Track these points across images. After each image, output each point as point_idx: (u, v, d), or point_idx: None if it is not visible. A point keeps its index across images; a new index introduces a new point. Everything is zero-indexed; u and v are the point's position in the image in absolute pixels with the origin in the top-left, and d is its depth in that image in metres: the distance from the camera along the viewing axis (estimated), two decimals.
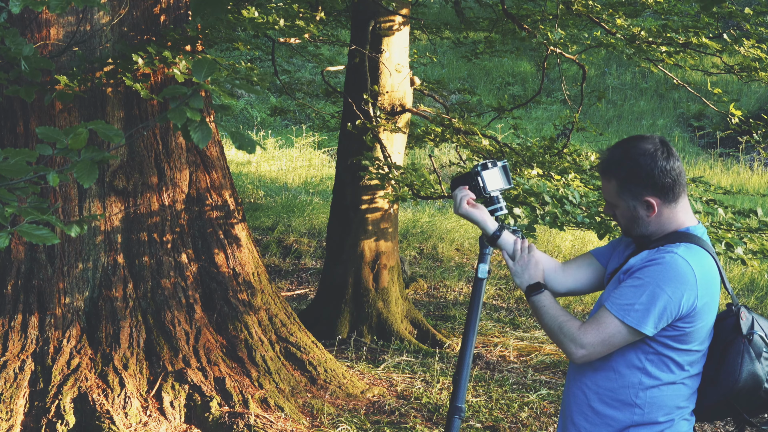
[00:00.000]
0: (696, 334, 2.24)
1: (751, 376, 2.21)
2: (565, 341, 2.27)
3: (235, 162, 12.50)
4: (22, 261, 4.25)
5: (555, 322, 2.31)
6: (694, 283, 2.19)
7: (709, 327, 2.28)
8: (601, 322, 2.23)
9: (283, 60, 13.09)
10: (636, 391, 2.27)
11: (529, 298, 2.41)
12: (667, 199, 2.27)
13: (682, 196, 2.30)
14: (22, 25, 4.11)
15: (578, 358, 2.26)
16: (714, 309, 2.27)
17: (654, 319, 2.19)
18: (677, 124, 16.53)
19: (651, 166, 2.24)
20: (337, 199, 6.22)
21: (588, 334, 2.24)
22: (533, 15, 6.44)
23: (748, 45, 5.61)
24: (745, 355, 2.22)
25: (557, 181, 5.09)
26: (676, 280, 2.17)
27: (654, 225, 2.29)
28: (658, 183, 2.24)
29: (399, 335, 5.95)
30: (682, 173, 2.28)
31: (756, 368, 2.22)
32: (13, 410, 3.93)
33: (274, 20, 4.70)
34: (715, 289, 2.26)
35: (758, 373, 2.22)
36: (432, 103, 12.64)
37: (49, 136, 2.08)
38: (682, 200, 2.30)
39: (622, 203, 2.31)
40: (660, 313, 2.18)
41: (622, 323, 2.20)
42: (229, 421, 4.09)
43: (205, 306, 4.57)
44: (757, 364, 2.22)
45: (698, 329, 2.24)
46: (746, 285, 7.82)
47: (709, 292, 2.23)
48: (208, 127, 2.24)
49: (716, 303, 2.28)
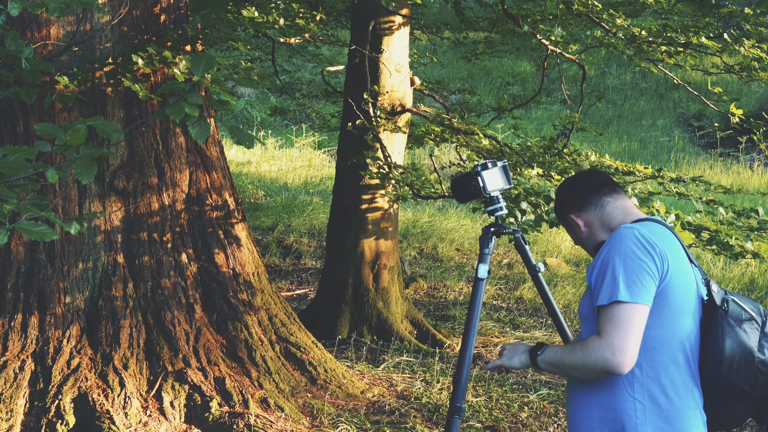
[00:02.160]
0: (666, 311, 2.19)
1: (737, 345, 2.16)
2: (598, 361, 2.12)
3: (235, 162, 12.50)
4: (22, 261, 4.25)
5: (575, 356, 2.20)
6: (647, 238, 2.21)
7: (681, 292, 2.22)
8: (616, 315, 2.12)
9: (283, 60, 13.10)
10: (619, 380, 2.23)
11: (538, 365, 2.33)
12: (587, 210, 2.44)
13: (608, 201, 2.43)
14: (22, 25, 4.10)
15: (621, 362, 2.09)
16: (682, 273, 2.23)
17: (624, 284, 2.14)
18: (677, 124, 16.53)
19: (560, 193, 2.54)
20: (337, 199, 6.21)
21: (612, 335, 2.10)
22: (533, 15, 6.44)
23: (748, 45, 5.61)
24: (724, 325, 2.18)
25: (558, 181, 5.09)
26: (625, 243, 2.20)
27: (594, 233, 2.44)
28: (568, 202, 2.49)
29: (399, 335, 5.95)
30: (596, 185, 2.46)
31: (740, 336, 2.16)
32: (13, 410, 3.93)
33: (274, 20, 4.71)
34: (676, 260, 2.23)
35: (744, 341, 2.16)
36: (432, 103, 12.64)
37: (48, 133, 2.07)
38: (609, 204, 2.43)
39: (565, 225, 2.55)
40: (627, 276, 2.15)
41: (623, 303, 2.13)
42: (229, 421, 4.09)
43: (205, 306, 4.57)
44: (740, 332, 2.17)
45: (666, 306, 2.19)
46: (746, 285, 7.82)
47: (672, 263, 2.21)
48: (206, 123, 2.23)
49: (683, 276, 2.23)
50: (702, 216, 4.42)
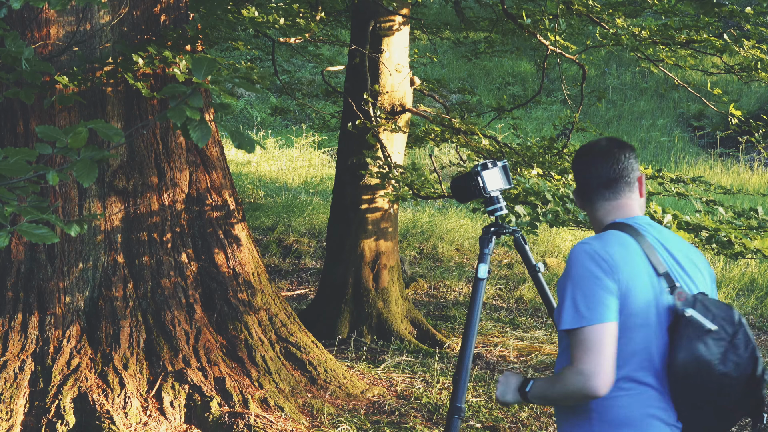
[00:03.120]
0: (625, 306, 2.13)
1: (692, 358, 2.07)
2: (576, 389, 2.09)
3: (235, 162, 12.50)
4: (22, 261, 4.25)
5: (556, 389, 2.18)
6: (599, 253, 2.14)
7: (638, 306, 2.14)
8: (586, 338, 2.09)
9: (283, 60, 13.10)
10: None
11: (527, 399, 2.30)
12: (582, 199, 2.38)
13: (602, 205, 2.32)
14: (22, 25, 4.11)
15: (595, 386, 2.06)
16: (635, 294, 2.14)
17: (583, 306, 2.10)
18: (677, 124, 16.53)
19: (577, 159, 2.40)
20: (337, 199, 6.21)
21: (583, 362, 2.07)
22: (533, 15, 6.44)
23: (748, 45, 5.61)
24: (682, 337, 2.09)
25: (557, 181, 5.09)
26: (579, 261, 2.15)
27: (590, 218, 2.40)
28: (583, 176, 2.37)
29: (399, 335, 5.95)
30: (598, 184, 2.32)
31: (698, 349, 2.07)
32: (13, 410, 3.93)
33: (274, 19, 4.71)
34: (630, 271, 2.15)
35: (700, 354, 2.07)
36: (432, 103, 12.64)
37: (49, 135, 2.07)
38: (603, 207, 2.32)
39: None
40: (585, 297, 2.10)
41: (586, 327, 2.09)
42: (229, 421, 4.09)
43: (205, 306, 4.57)
44: (699, 345, 2.07)
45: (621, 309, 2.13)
46: (746, 285, 7.82)
47: (625, 275, 2.14)
48: (207, 126, 2.24)
49: (638, 287, 2.15)
50: (702, 216, 4.42)
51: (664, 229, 2.33)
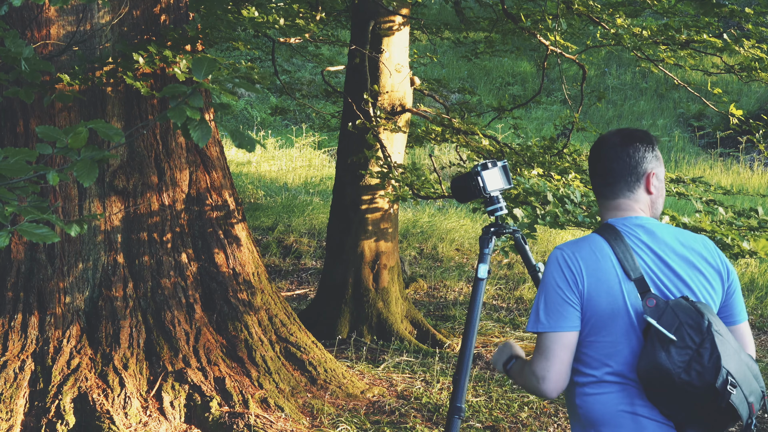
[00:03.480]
0: (589, 325, 2.19)
1: (652, 366, 2.09)
2: (528, 386, 2.26)
3: (235, 162, 12.50)
4: (22, 261, 4.25)
5: (520, 378, 2.35)
6: (567, 261, 2.20)
7: (603, 311, 2.18)
8: (539, 347, 2.22)
9: (283, 60, 13.10)
10: (574, 389, 2.27)
11: (509, 375, 2.46)
12: (597, 190, 2.36)
13: (610, 195, 2.32)
14: (22, 25, 4.10)
15: (545, 390, 2.20)
16: (600, 299, 2.18)
17: (543, 313, 2.19)
18: (677, 124, 16.53)
19: (593, 151, 2.36)
20: (337, 199, 6.21)
21: (535, 364, 2.21)
22: (533, 15, 6.44)
23: (748, 45, 5.61)
24: (648, 343, 2.12)
25: (557, 181, 5.09)
26: (549, 269, 2.23)
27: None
28: (591, 168, 2.37)
29: (399, 335, 5.95)
30: (609, 172, 2.30)
31: (658, 357, 2.09)
32: (13, 410, 3.93)
33: (274, 20, 4.71)
34: (597, 277, 2.18)
35: (661, 362, 2.08)
36: (432, 103, 12.64)
37: (49, 136, 2.07)
38: (610, 197, 2.32)
39: None
40: (546, 305, 2.20)
41: (553, 333, 2.19)
42: (229, 421, 4.09)
43: (205, 306, 4.57)
44: (661, 353, 2.09)
45: (588, 319, 2.19)
46: (746, 285, 7.82)
47: (590, 281, 2.18)
48: (207, 126, 2.24)
49: (603, 292, 2.18)
50: (701, 215, 4.42)
51: (664, 229, 2.28)
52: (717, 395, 2.07)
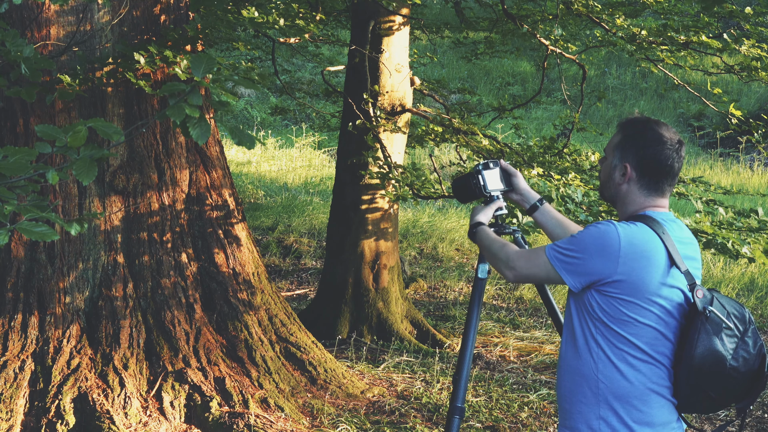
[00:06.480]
0: (628, 305, 2.28)
1: (709, 352, 2.22)
2: (500, 263, 2.52)
3: (235, 162, 12.50)
4: (22, 261, 4.25)
5: (497, 244, 2.59)
6: (616, 254, 2.27)
7: (644, 300, 2.29)
8: (535, 255, 2.43)
9: (283, 60, 13.11)
10: (597, 365, 2.34)
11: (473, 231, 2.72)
12: (642, 181, 2.41)
13: (657, 191, 2.42)
14: (22, 25, 4.10)
15: (508, 277, 2.49)
16: (645, 285, 2.28)
17: (574, 275, 2.33)
18: (677, 124, 16.53)
19: (652, 144, 2.39)
20: (337, 199, 6.21)
21: (520, 260, 2.47)
22: (533, 15, 6.44)
23: (748, 45, 5.61)
24: (701, 331, 2.24)
25: (557, 181, 5.09)
26: (600, 247, 2.29)
27: (620, 195, 2.45)
28: (645, 160, 2.39)
29: (399, 335, 5.95)
30: (668, 173, 2.41)
31: (714, 344, 2.23)
32: (13, 410, 3.93)
33: (274, 20, 4.70)
34: (644, 264, 2.28)
35: (717, 349, 2.23)
36: (432, 103, 12.64)
37: (49, 134, 2.07)
38: (654, 193, 2.42)
39: (610, 158, 2.48)
40: (580, 271, 2.32)
41: (549, 263, 2.37)
42: (229, 421, 4.09)
43: (205, 306, 4.57)
44: (716, 340, 2.23)
45: (628, 300, 2.28)
46: (746, 285, 7.82)
47: (636, 266, 2.27)
48: (207, 124, 2.23)
49: (649, 279, 2.28)
50: (702, 216, 4.42)
51: (682, 225, 2.47)
52: (758, 380, 2.28)
